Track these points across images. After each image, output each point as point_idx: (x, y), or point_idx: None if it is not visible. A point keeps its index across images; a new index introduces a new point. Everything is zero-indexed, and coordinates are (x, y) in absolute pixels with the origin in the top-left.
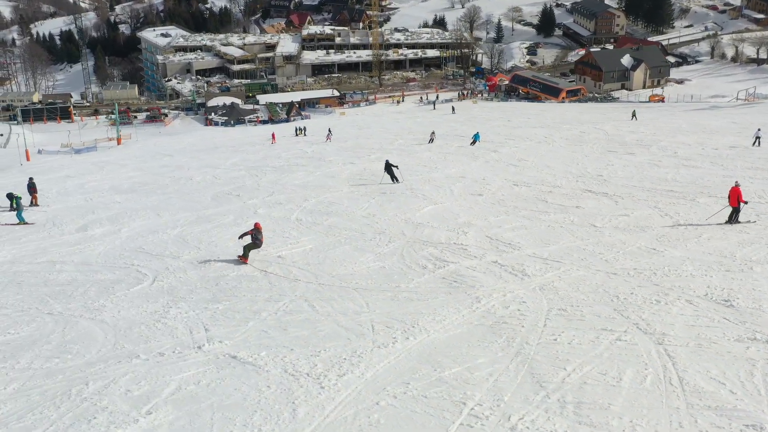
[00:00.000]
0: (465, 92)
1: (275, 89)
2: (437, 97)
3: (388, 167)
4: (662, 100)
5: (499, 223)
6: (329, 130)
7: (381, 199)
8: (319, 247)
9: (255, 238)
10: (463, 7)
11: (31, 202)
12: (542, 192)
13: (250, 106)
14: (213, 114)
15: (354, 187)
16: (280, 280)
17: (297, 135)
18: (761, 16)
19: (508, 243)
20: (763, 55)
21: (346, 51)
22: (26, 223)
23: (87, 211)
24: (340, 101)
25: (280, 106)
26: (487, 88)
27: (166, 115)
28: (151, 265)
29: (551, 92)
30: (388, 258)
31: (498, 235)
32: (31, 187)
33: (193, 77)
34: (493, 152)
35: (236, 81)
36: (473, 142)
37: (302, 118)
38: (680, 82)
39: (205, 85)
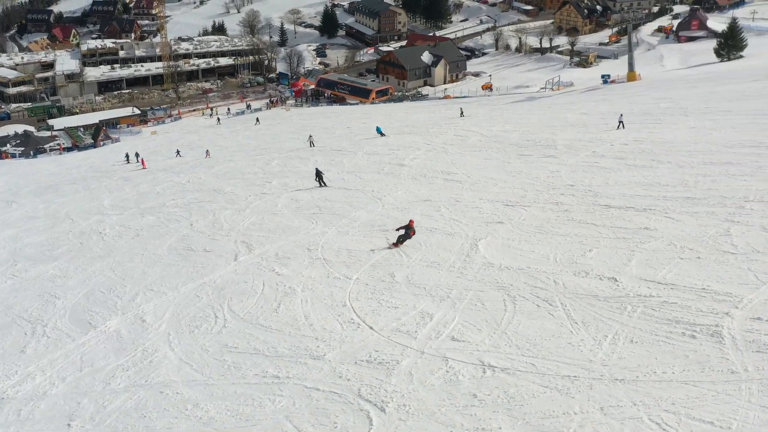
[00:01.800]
0: (274, 100)
1: (62, 112)
2: (228, 110)
3: (318, 173)
4: (490, 87)
5: (613, 261)
6: (207, 151)
7: (418, 240)
8: (495, 324)
9: (406, 232)
10: (239, 12)
11: None
12: (558, 213)
13: (47, 133)
14: (8, 145)
15: (329, 226)
16: (570, 384)
17: (128, 162)
18: (530, 7)
19: (702, 288)
20: (545, 45)
21: (133, 65)
22: None
23: (38, 294)
24: (143, 119)
25: (82, 129)
26: (293, 93)
27: None
28: (310, 376)
29: (361, 94)
30: (620, 328)
31: (651, 276)
32: None
33: None
34: (401, 166)
35: (14, 105)
36: (381, 135)
37: (112, 142)
38: (477, 75)
39: None
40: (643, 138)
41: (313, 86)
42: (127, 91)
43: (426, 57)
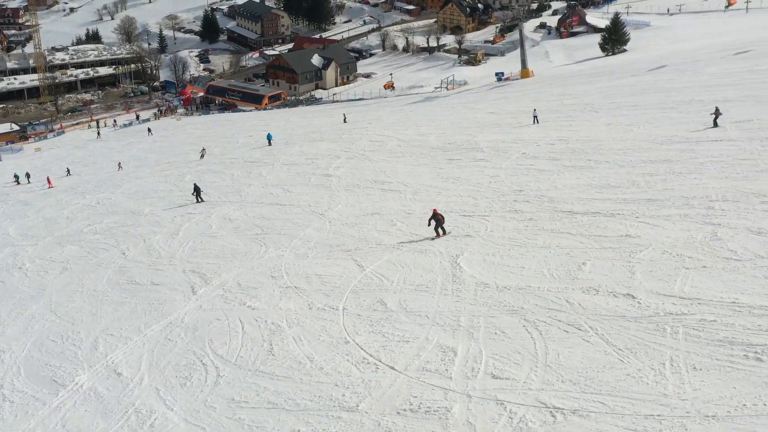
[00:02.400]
0: (163, 109)
1: None
2: (115, 122)
3: (196, 188)
4: (392, 86)
5: (615, 274)
6: (119, 163)
7: (392, 260)
8: (530, 356)
9: (438, 221)
10: (113, 19)
11: None
12: (523, 222)
13: None
14: None
15: (281, 248)
16: (660, 426)
17: (18, 183)
18: (412, 7)
19: (732, 302)
20: (432, 44)
21: (5, 78)
22: None
23: None
24: (23, 135)
25: None
26: (182, 102)
27: None
28: None
29: (253, 99)
30: (673, 354)
31: (668, 290)
32: None
33: None
34: (328, 176)
35: None
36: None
37: None
38: (368, 76)
39: None
40: (567, 137)
41: (201, 94)
42: (1, 106)
43: (316, 60)
